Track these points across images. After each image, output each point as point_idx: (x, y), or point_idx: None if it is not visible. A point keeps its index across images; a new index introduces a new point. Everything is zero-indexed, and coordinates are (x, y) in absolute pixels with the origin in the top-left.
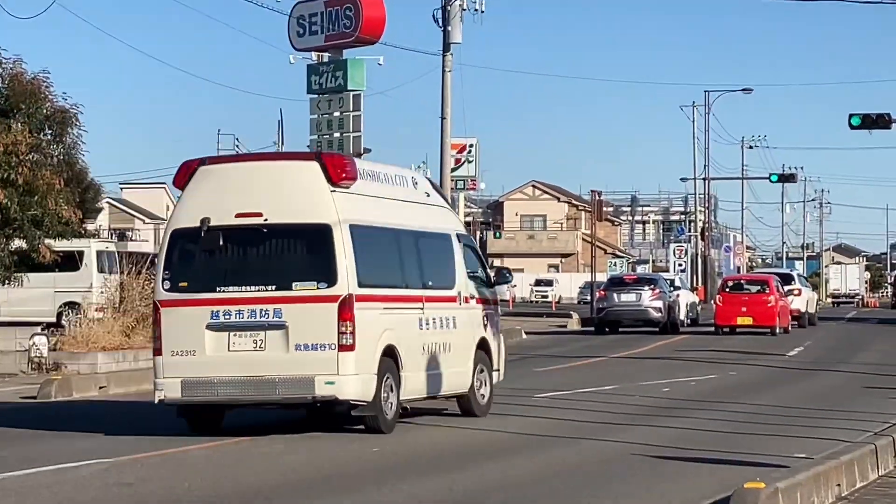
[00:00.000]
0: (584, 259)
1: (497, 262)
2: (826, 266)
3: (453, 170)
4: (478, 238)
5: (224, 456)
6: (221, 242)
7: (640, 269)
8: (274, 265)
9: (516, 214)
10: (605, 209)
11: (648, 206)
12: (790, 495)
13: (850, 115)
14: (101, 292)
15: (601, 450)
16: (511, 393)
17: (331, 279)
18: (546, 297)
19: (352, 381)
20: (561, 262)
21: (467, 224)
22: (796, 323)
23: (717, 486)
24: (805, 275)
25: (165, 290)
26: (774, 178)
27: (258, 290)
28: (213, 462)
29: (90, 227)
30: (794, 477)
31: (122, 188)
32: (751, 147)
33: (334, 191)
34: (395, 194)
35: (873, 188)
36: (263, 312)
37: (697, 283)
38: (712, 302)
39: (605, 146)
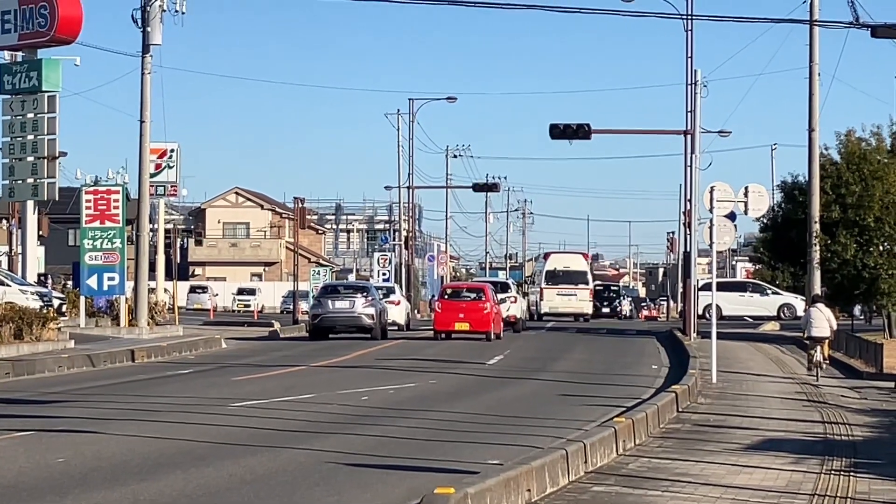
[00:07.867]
0: (288, 268)
1: (199, 271)
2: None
3: (153, 175)
4: (178, 246)
5: None
6: (561, 275)
7: (350, 278)
8: (572, 279)
9: (219, 222)
10: (308, 217)
11: (353, 214)
12: (480, 500)
13: (551, 126)
14: None
15: (294, 458)
16: (205, 402)
17: (587, 284)
18: (249, 306)
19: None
20: (264, 270)
21: (167, 231)
22: (511, 328)
23: (408, 493)
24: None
25: (544, 284)
26: (477, 187)
27: (568, 286)
28: None
29: None
30: (483, 482)
31: None
32: (455, 156)
33: (588, 263)
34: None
35: (574, 198)
36: (570, 291)
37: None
38: (430, 309)
39: (310, 154)
